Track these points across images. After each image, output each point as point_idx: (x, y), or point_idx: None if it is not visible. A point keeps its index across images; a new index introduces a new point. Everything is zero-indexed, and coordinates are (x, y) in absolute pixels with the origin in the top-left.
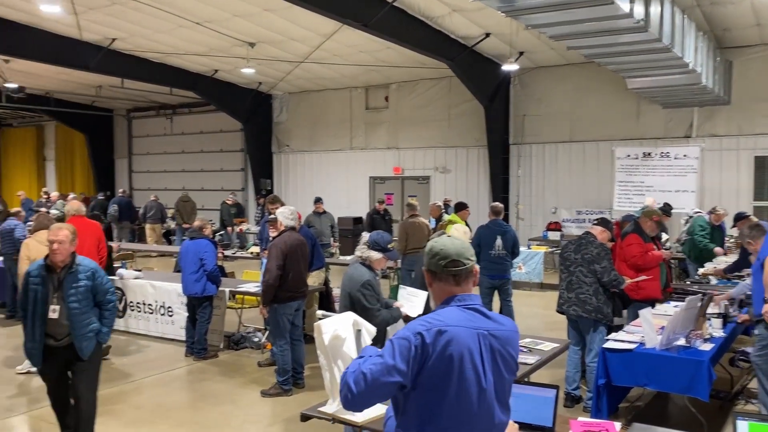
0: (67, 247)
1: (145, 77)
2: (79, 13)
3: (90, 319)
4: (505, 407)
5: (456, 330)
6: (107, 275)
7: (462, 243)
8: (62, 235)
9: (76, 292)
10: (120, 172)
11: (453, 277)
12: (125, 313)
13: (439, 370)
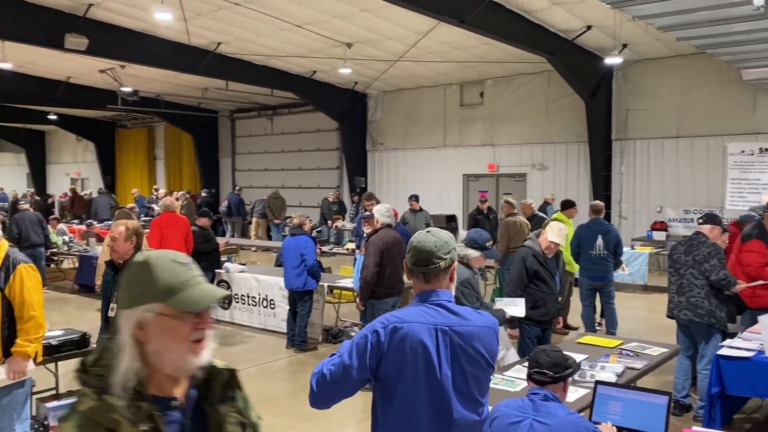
0: (122, 244)
1: (248, 79)
2: (188, 19)
3: None
4: (469, 401)
5: (411, 326)
6: (215, 269)
7: (439, 240)
8: (117, 231)
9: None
10: (224, 170)
11: (422, 274)
12: (230, 305)
13: (394, 363)
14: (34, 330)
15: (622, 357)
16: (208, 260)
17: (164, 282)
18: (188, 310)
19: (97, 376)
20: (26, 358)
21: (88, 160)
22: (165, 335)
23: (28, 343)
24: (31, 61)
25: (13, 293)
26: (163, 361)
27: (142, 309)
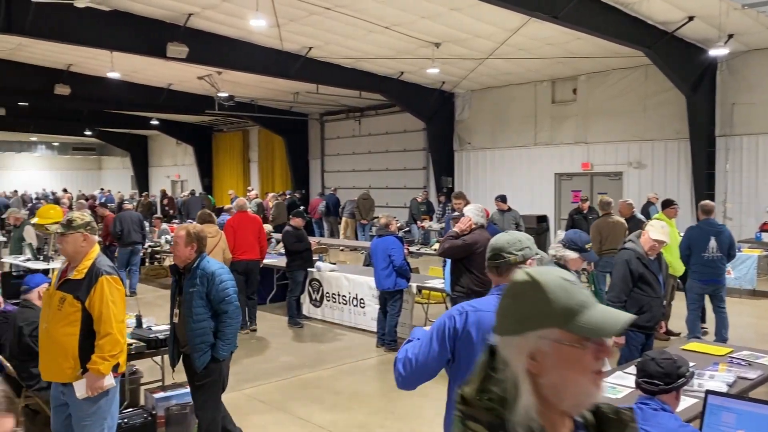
0: (182, 249)
1: (337, 82)
2: (281, 25)
3: (204, 329)
4: None
5: (482, 313)
6: (307, 268)
7: (512, 238)
8: (178, 236)
9: (190, 297)
10: (313, 171)
11: (495, 268)
12: (322, 303)
13: (464, 347)
14: (109, 347)
15: (732, 366)
16: (301, 259)
17: (560, 303)
18: (591, 336)
19: (487, 410)
20: (99, 375)
21: (187, 163)
22: (565, 366)
23: (102, 360)
24: (136, 70)
25: (93, 306)
26: (561, 396)
27: (536, 335)
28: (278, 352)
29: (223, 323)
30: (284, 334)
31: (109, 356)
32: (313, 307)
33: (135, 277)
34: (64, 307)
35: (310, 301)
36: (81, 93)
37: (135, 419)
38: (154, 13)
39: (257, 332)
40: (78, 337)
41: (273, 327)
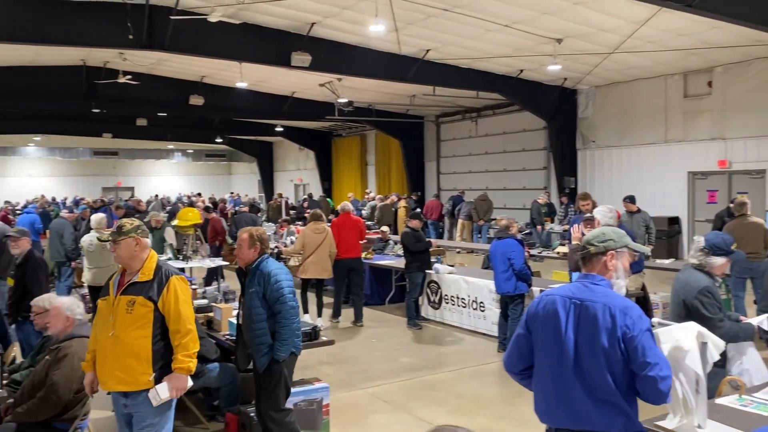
0: (245, 251)
1: (454, 83)
2: (399, 29)
3: (262, 329)
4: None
5: (553, 297)
6: (425, 269)
7: (599, 231)
8: (241, 239)
9: (249, 299)
10: (429, 173)
11: (581, 258)
12: (440, 305)
13: (536, 324)
14: (192, 344)
15: None
16: (419, 261)
17: None
18: None
19: None
20: (188, 373)
21: (308, 167)
22: None
23: (189, 358)
24: (262, 80)
25: (168, 307)
26: None
27: None
28: (398, 353)
29: (278, 323)
30: (403, 335)
31: (193, 354)
32: (431, 309)
33: None
34: (134, 309)
35: (429, 303)
36: (213, 103)
37: None
38: (280, 24)
39: (377, 331)
40: (150, 340)
41: (392, 328)
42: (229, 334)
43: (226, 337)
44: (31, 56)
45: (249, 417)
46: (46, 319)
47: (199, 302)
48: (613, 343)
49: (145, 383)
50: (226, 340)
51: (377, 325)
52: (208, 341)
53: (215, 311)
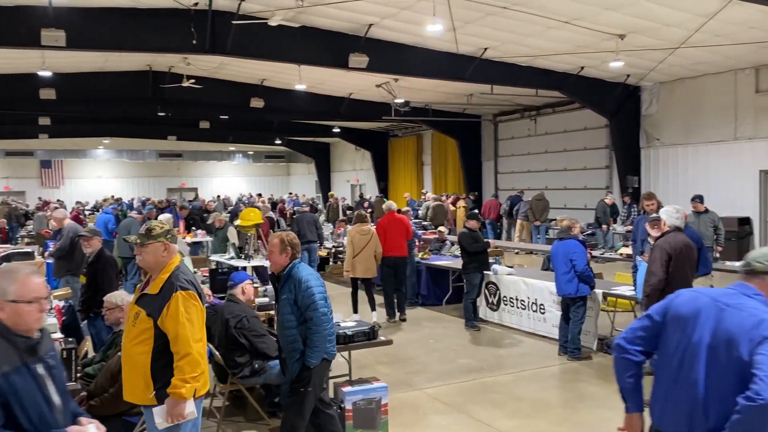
0: (277, 256)
1: (513, 82)
2: (456, 28)
3: (293, 336)
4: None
5: (700, 296)
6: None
7: (763, 249)
8: (272, 244)
9: (282, 305)
10: (486, 173)
11: (744, 273)
12: (499, 307)
13: (672, 316)
14: (189, 368)
15: None
16: (477, 261)
17: None
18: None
19: None
20: (181, 399)
21: (365, 168)
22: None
23: (183, 383)
24: (320, 82)
25: (166, 326)
26: None
27: None
28: (456, 354)
29: (309, 330)
30: (461, 336)
31: (190, 378)
32: (489, 311)
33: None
34: (137, 323)
35: (487, 304)
36: (272, 105)
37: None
38: (337, 26)
39: (434, 332)
40: (150, 357)
41: (449, 328)
42: None
43: None
44: (100, 62)
45: None
46: (118, 314)
47: (261, 300)
48: (750, 353)
49: (149, 400)
50: None
51: (434, 325)
52: (269, 339)
53: (275, 309)
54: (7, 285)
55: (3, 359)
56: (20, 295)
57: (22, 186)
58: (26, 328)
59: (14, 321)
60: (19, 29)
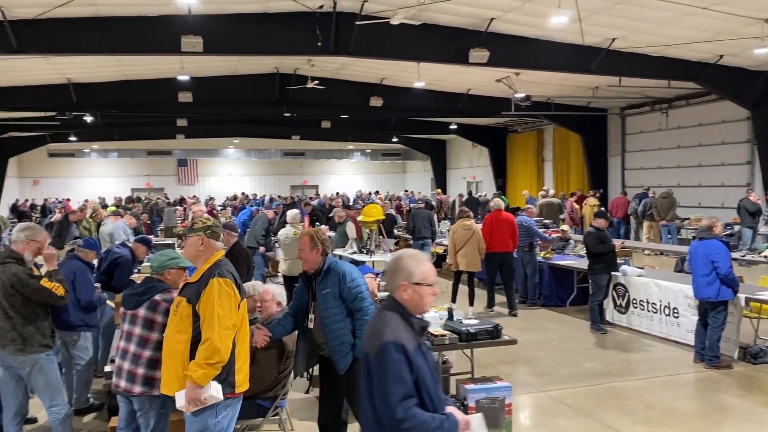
0: (308, 254)
1: (643, 73)
2: (582, 19)
3: (342, 329)
4: None
5: None
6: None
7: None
8: (302, 242)
9: (324, 300)
10: (613, 169)
11: None
12: (627, 310)
13: None
14: (205, 353)
15: None
16: (603, 262)
17: None
18: None
19: None
20: (194, 385)
21: (482, 165)
22: None
23: (197, 367)
24: (438, 78)
25: (202, 309)
26: None
27: None
28: (582, 357)
29: (359, 321)
30: (586, 339)
31: (205, 364)
32: (617, 314)
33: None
34: (179, 311)
35: (615, 306)
36: (391, 103)
37: None
38: (458, 22)
39: (558, 334)
40: (188, 345)
41: (574, 331)
42: None
43: None
44: (232, 66)
45: None
46: (251, 303)
47: (383, 294)
48: None
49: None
50: None
51: (558, 327)
52: None
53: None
54: (415, 267)
55: (409, 339)
56: (424, 278)
57: (161, 183)
58: (422, 310)
59: (415, 302)
60: (162, 37)
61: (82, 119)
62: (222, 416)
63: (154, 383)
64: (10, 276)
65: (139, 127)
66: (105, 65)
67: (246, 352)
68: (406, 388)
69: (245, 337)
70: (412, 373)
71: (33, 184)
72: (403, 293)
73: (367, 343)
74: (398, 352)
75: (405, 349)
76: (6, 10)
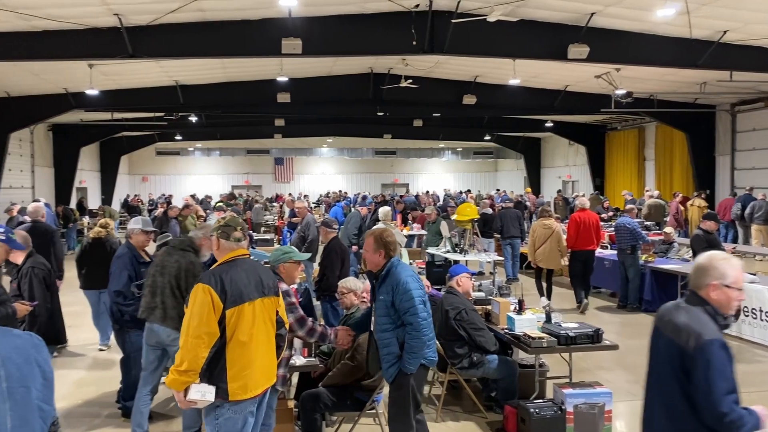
0: (371, 255)
1: (758, 67)
2: (690, 11)
3: (388, 339)
4: None
5: None
6: None
7: None
8: (366, 242)
9: (378, 306)
10: (721, 169)
11: None
12: (738, 318)
13: None
14: (178, 360)
15: None
16: None
17: None
18: None
19: None
20: (171, 387)
21: (578, 163)
22: None
23: (170, 372)
24: (534, 75)
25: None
26: None
27: None
28: None
29: (408, 335)
30: None
31: (175, 370)
32: None
33: (516, 266)
34: None
35: None
36: (484, 101)
37: (545, 411)
38: (557, 18)
39: None
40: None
41: None
42: (507, 327)
43: (505, 331)
44: (328, 67)
45: (528, 412)
46: (352, 298)
47: (477, 294)
48: None
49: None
50: (505, 334)
51: None
52: (487, 333)
53: (493, 304)
54: (729, 270)
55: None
56: (735, 282)
57: (259, 180)
58: (725, 311)
59: (721, 303)
60: (263, 40)
61: (187, 119)
62: (224, 419)
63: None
64: (187, 263)
65: (239, 126)
66: (210, 68)
67: (247, 360)
68: (730, 383)
69: (244, 346)
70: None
71: (142, 181)
72: (712, 292)
73: (677, 336)
74: (723, 350)
75: (727, 347)
76: (123, 17)
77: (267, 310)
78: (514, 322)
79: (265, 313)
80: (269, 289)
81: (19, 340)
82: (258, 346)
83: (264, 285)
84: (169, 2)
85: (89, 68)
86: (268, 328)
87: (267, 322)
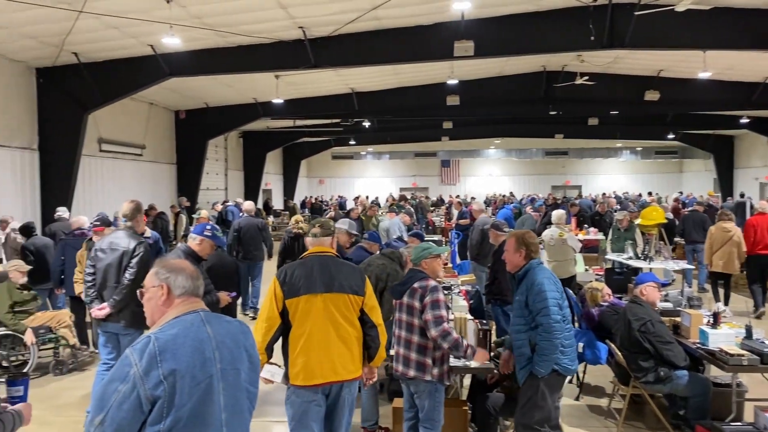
0: (511, 255)
1: None
2: None
3: (521, 340)
4: None
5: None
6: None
7: None
8: (508, 242)
9: (515, 306)
10: None
11: None
12: None
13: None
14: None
15: None
16: None
17: None
18: None
19: None
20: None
21: None
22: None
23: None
24: (728, 67)
25: None
26: None
27: None
28: None
29: (540, 336)
30: None
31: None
32: None
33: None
34: None
35: None
36: (668, 97)
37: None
38: (757, 3)
39: None
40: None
41: None
42: (699, 342)
43: (697, 345)
44: (499, 68)
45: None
46: None
47: (664, 305)
48: None
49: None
50: (697, 349)
51: None
52: (676, 347)
53: (683, 316)
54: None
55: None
56: None
57: (425, 183)
58: None
59: None
60: (435, 44)
61: (361, 125)
62: (290, 401)
63: (426, 368)
64: (391, 271)
65: (408, 130)
66: (383, 74)
67: (303, 349)
68: None
69: (302, 335)
70: None
71: (319, 183)
72: None
73: None
74: None
75: None
76: (307, 29)
77: (336, 305)
78: (707, 336)
79: (332, 308)
80: (343, 287)
81: (230, 326)
82: (321, 338)
83: (335, 282)
84: (349, 12)
85: (276, 79)
86: (336, 322)
87: (335, 316)
